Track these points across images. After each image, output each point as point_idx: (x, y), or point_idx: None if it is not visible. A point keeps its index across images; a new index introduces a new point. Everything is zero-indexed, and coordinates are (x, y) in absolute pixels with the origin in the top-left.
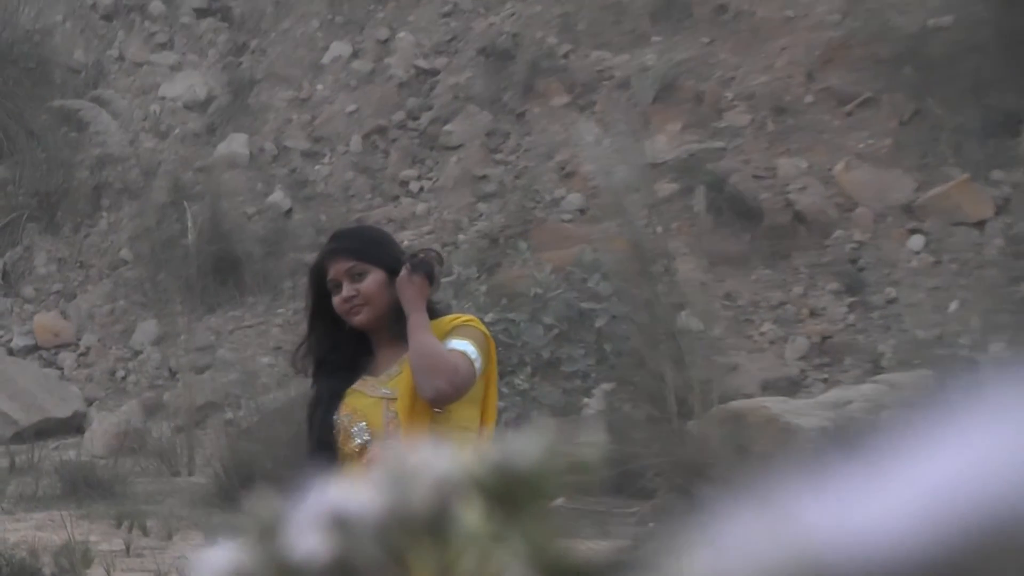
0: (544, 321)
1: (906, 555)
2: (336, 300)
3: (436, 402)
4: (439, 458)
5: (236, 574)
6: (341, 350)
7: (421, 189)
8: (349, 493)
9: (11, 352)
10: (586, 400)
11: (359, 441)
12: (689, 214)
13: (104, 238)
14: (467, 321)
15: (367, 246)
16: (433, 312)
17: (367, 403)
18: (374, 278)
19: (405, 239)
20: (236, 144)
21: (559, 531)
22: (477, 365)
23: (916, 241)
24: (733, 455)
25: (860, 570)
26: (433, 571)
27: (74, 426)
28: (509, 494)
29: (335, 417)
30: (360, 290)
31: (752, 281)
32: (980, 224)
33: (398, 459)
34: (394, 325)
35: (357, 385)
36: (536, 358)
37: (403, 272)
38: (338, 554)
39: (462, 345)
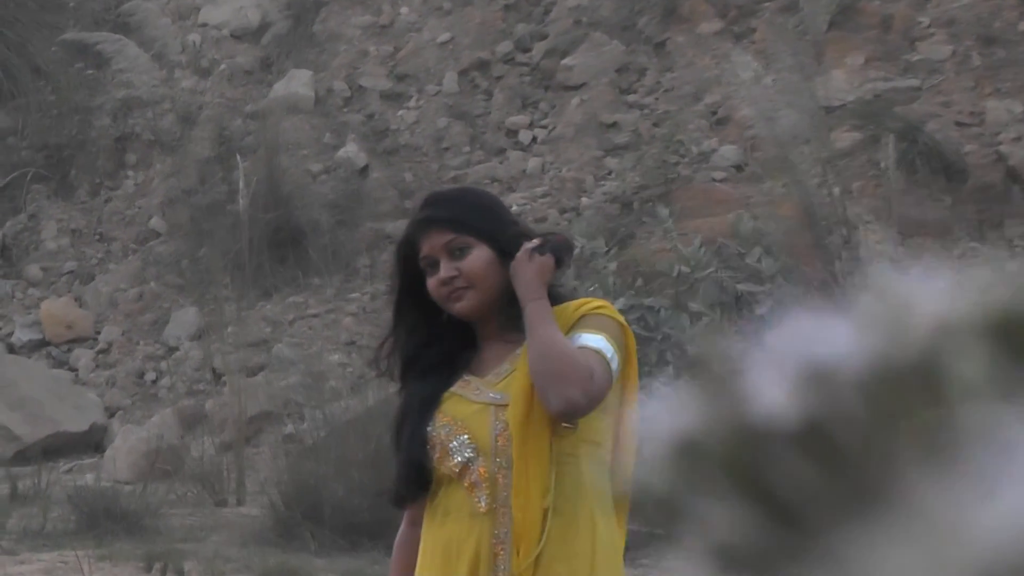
0: (691, 308)
1: None
2: (431, 283)
3: (566, 415)
4: (933, 292)
5: (685, 434)
6: (437, 345)
7: (533, 140)
8: (825, 335)
9: (12, 349)
10: None
11: (459, 459)
12: (875, 171)
13: (130, 203)
14: (598, 308)
15: (469, 214)
16: (554, 297)
17: (470, 410)
18: (479, 254)
19: (514, 204)
20: (297, 83)
21: None
22: (614, 366)
23: None
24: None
25: None
26: (924, 432)
27: (92, 443)
28: (1021, 339)
29: (429, 429)
30: (462, 269)
31: (955, 256)
32: None
33: (885, 293)
34: (504, 313)
35: (457, 388)
36: (680, 355)
37: (524, 249)
38: (811, 413)
39: (595, 341)
